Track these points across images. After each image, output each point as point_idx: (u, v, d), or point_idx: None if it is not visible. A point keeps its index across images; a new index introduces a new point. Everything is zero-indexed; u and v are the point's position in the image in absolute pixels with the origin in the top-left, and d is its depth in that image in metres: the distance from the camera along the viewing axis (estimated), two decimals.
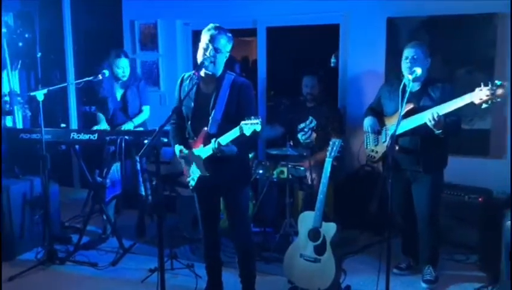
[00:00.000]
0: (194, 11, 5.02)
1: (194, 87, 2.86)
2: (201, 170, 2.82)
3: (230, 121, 2.72)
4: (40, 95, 3.66)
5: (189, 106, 2.89)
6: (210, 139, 2.74)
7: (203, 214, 3.08)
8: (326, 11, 4.55)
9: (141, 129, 4.30)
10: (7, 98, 5.21)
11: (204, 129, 2.82)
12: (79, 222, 4.62)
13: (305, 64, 5.06)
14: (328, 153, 3.26)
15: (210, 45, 2.75)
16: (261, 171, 4.29)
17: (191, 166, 2.90)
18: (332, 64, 5.57)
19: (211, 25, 2.81)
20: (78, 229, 4.33)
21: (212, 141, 2.71)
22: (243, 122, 2.60)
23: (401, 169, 3.33)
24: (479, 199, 3.82)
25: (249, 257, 3.11)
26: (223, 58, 2.83)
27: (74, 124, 5.87)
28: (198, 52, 2.82)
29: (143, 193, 4.12)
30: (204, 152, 2.80)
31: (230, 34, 2.85)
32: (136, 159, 4.05)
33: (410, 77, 3.07)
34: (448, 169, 3.40)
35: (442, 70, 4.07)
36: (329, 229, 3.12)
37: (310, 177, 4.02)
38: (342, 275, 3.30)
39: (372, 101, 3.66)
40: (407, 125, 3.12)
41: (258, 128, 2.57)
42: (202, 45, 2.80)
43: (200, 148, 2.83)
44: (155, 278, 3.00)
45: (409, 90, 2.89)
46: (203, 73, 2.78)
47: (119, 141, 3.86)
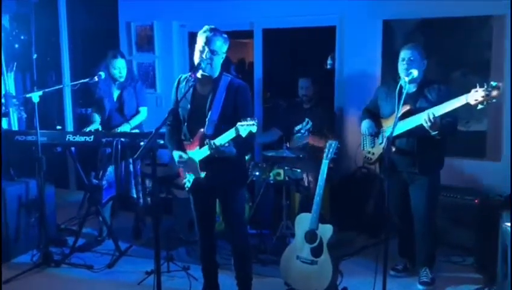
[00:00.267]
0: (191, 13, 5.02)
1: (191, 89, 2.86)
2: (196, 172, 2.82)
3: (227, 122, 2.72)
4: (35, 96, 3.64)
5: (186, 108, 2.89)
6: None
7: (199, 216, 3.06)
8: (323, 13, 4.56)
9: (137, 131, 4.29)
10: (2, 100, 5.19)
11: (200, 130, 2.81)
12: (75, 224, 4.60)
13: (301, 66, 5.07)
14: (324, 155, 3.25)
15: (206, 47, 2.75)
16: (257, 173, 4.29)
17: (189, 170, 2.90)
18: (329, 66, 5.59)
19: (207, 27, 2.81)
20: (74, 231, 4.30)
21: (206, 141, 2.70)
22: (239, 123, 2.60)
23: (397, 171, 3.34)
24: (475, 201, 3.82)
25: (245, 259, 3.10)
26: (219, 60, 2.83)
27: (70, 126, 5.85)
28: (195, 55, 2.82)
29: (134, 196, 4.10)
30: (201, 153, 2.80)
31: (226, 35, 2.84)
32: (129, 161, 4.04)
33: (406, 78, 3.08)
34: (444, 171, 3.41)
35: (438, 72, 4.08)
36: (326, 231, 3.12)
37: (306, 180, 4.01)
38: (338, 277, 3.29)
39: (368, 103, 3.67)
40: (404, 127, 3.13)
41: (254, 130, 2.58)
42: (198, 47, 2.79)
43: (196, 149, 2.83)
44: (151, 280, 2.98)
45: (405, 92, 2.90)
46: (199, 74, 2.78)
47: (115, 143, 3.86)
